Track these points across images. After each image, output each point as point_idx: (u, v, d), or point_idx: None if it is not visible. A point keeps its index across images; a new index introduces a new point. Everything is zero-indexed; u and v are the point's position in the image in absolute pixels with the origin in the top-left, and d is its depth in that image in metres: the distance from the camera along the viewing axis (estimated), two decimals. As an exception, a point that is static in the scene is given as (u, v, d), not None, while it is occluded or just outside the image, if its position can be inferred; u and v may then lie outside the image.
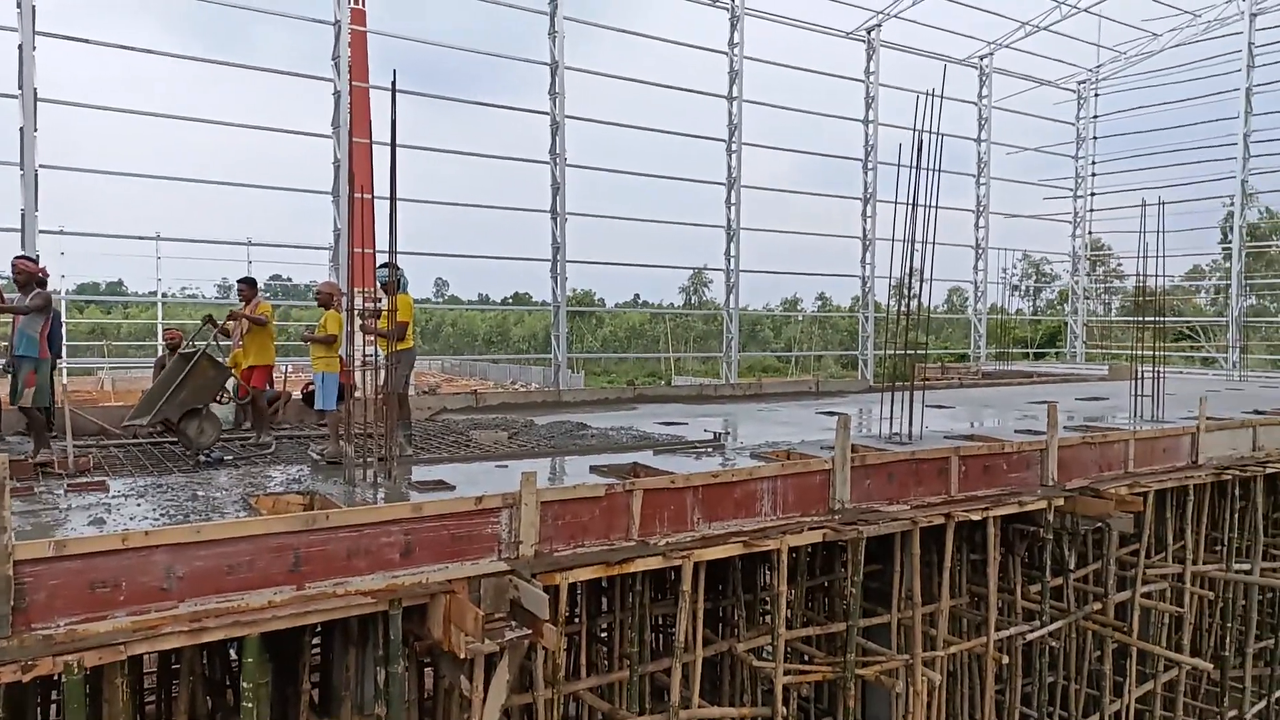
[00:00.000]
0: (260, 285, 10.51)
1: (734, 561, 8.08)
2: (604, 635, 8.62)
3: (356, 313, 7.62)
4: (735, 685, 8.81)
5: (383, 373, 7.81)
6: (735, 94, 21.29)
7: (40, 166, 13.15)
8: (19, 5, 12.88)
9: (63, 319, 10.12)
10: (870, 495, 7.96)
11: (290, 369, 18.25)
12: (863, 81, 24.29)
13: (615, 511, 6.44)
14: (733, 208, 21.37)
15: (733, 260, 21.54)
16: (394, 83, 6.99)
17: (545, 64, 18.49)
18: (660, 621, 9.58)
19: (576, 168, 19.00)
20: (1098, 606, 9.95)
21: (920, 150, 9.66)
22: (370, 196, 8.85)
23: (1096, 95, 30.69)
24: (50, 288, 8.88)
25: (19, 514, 5.70)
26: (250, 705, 5.03)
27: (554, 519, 6.15)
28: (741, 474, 7.21)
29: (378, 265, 8.31)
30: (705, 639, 7.48)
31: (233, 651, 7.28)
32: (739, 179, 21.34)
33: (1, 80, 13.22)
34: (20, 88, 13.01)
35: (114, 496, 6.56)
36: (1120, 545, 10.14)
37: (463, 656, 5.36)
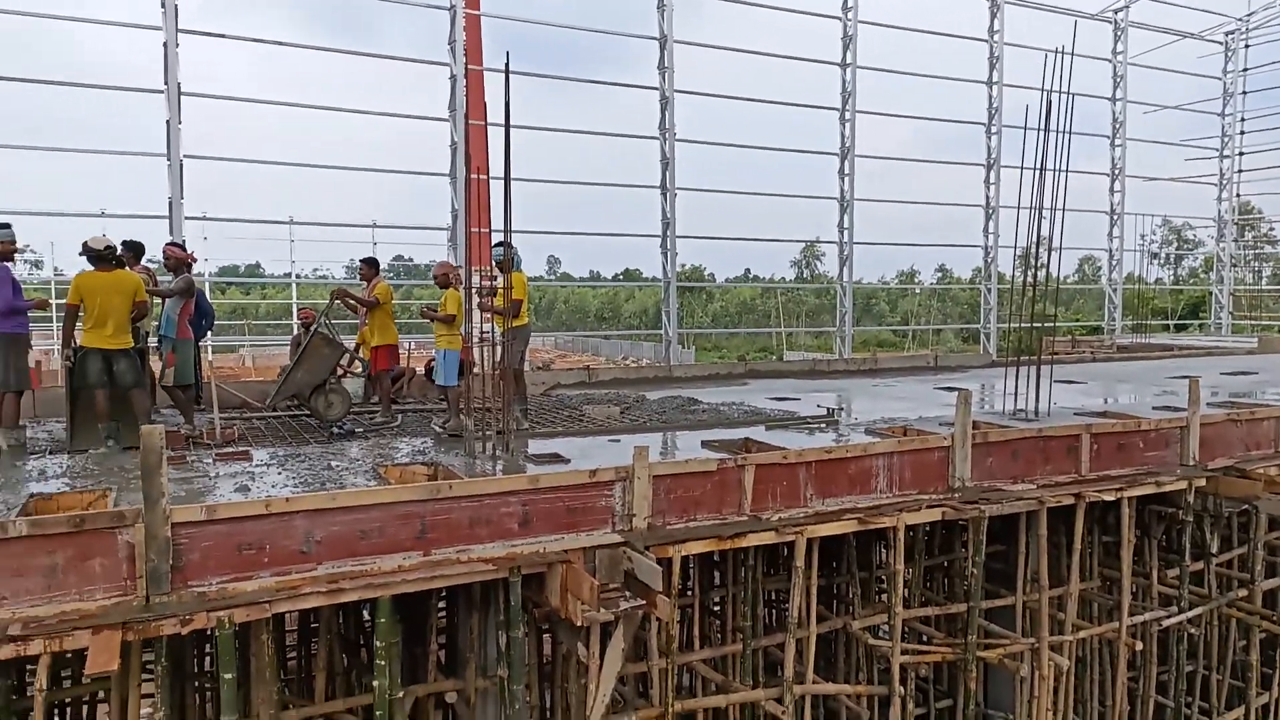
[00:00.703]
0: (383, 266, 10.93)
1: (848, 538, 7.96)
2: (716, 609, 8.67)
3: (474, 290, 7.84)
4: (850, 663, 8.72)
5: (499, 349, 8.02)
6: (849, 60, 20.68)
7: (185, 157, 14.05)
8: (163, 5, 13.73)
9: (209, 299, 10.80)
10: (993, 473, 7.69)
11: (413, 345, 18.96)
12: (986, 41, 23.17)
13: (727, 486, 6.45)
14: (846, 178, 20.86)
15: (846, 233, 21.06)
16: (507, 65, 7.11)
17: (654, 39, 18.43)
18: (773, 596, 9.56)
19: (686, 142, 18.91)
20: (1243, 593, 9.33)
21: (1049, 112, 9.15)
22: (485, 177, 9.04)
23: (1247, 47, 28.30)
24: (195, 271, 9.51)
25: (174, 480, 6.16)
26: (383, 663, 5.31)
27: (666, 493, 6.20)
28: (856, 450, 7.08)
29: (493, 244, 8.52)
30: (819, 615, 7.42)
31: (365, 613, 7.69)
32: (853, 149, 20.79)
33: (148, 76, 14.17)
34: (165, 83, 13.90)
35: (257, 465, 7.01)
36: (1269, 529, 9.45)
37: (579, 624, 5.49)
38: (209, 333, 10.74)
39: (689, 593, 7.84)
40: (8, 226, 7.84)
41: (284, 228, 25.63)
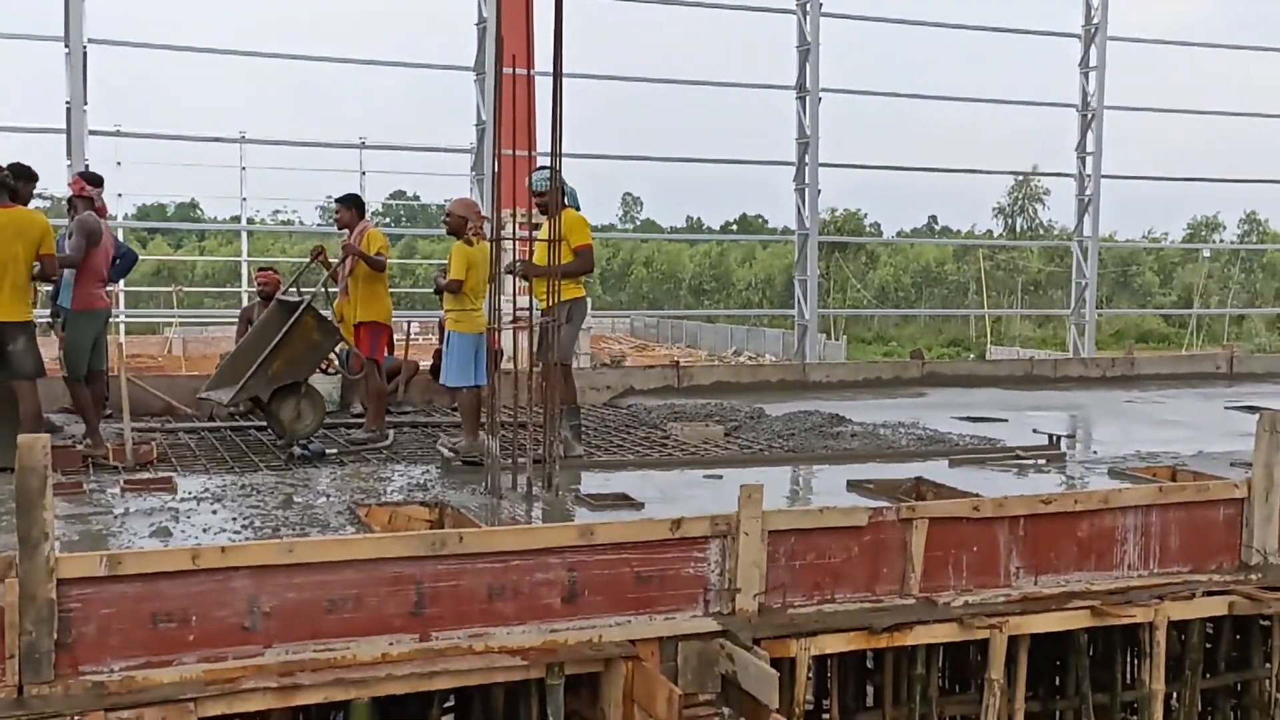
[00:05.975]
0: (375, 208, 11.19)
1: (1075, 638, 7.82)
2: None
3: (504, 243, 7.98)
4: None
5: (541, 333, 8.12)
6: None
7: (89, 41, 14.55)
8: None
9: (127, 251, 11.00)
10: (1314, 544, 7.46)
11: (415, 328, 19.34)
12: None
13: (885, 550, 6.41)
14: (1089, 75, 20.38)
15: (1089, 160, 20.57)
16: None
17: None
18: (957, 722, 9.47)
19: (835, 17, 18.84)
20: None
21: None
22: (529, 72, 9.18)
23: None
24: (109, 211, 9.89)
25: (65, 518, 6.47)
26: (357, 798, 5.47)
27: (789, 558, 6.20)
28: (1092, 500, 6.97)
29: (533, 170, 8.66)
30: (1030, 756, 7.33)
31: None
32: (1103, 26, 20.29)
33: None
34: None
35: (183, 499, 7.30)
36: None
37: (651, 753, 5.57)
38: (122, 279, 11.11)
39: (826, 712, 7.83)
40: None
41: (232, 148, 26.40)
